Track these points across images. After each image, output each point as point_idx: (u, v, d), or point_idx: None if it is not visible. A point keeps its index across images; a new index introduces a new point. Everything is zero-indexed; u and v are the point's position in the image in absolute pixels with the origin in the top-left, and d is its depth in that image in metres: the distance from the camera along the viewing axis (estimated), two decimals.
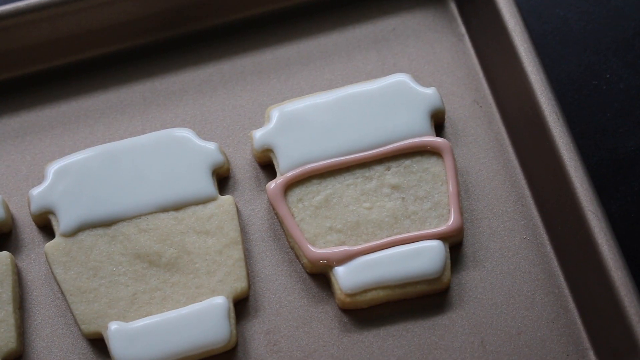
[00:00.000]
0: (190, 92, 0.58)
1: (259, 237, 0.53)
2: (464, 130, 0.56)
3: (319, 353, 0.50)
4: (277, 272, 0.52)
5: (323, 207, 0.52)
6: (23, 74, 0.59)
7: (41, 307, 0.52)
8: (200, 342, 0.49)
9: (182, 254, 0.51)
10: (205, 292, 0.51)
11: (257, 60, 0.59)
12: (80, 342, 0.51)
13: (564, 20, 0.61)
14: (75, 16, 0.58)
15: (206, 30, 0.60)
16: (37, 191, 0.53)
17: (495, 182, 0.54)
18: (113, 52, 0.59)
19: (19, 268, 0.53)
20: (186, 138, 0.54)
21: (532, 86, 0.53)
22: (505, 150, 0.55)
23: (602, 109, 0.58)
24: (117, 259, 0.51)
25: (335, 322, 0.51)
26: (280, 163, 0.53)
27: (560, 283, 0.51)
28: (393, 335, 0.50)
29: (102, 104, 0.58)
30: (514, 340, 0.50)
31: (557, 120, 0.52)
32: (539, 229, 0.53)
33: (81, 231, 0.52)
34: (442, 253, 0.51)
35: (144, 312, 0.50)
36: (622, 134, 0.57)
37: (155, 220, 0.52)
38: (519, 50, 0.54)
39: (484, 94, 0.57)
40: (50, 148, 0.56)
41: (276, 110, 0.55)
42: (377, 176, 0.53)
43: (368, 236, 0.52)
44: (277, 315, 0.51)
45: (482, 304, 0.51)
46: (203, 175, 0.53)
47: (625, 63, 0.59)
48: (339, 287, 0.51)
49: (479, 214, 0.53)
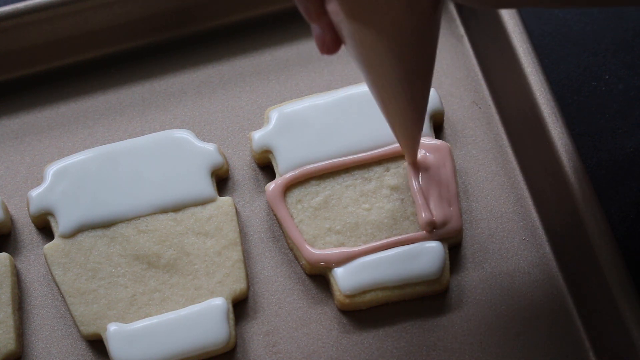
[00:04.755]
0: (190, 94, 0.58)
1: (258, 238, 0.53)
2: (463, 132, 0.56)
3: (318, 354, 0.50)
4: (276, 273, 0.52)
5: (322, 208, 0.52)
6: (22, 75, 0.59)
7: (40, 309, 0.52)
8: (200, 343, 0.49)
9: (181, 255, 0.51)
10: (204, 293, 0.51)
11: (256, 61, 0.59)
12: (79, 343, 0.51)
13: (563, 22, 0.61)
14: (74, 18, 0.58)
15: (205, 32, 0.60)
16: (36, 192, 0.53)
17: (494, 183, 0.54)
18: (112, 54, 0.59)
19: (18, 269, 0.53)
20: (185, 139, 0.54)
21: (531, 87, 0.53)
22: (504, 151, 0.55)
23: (601, 110, 0.58)
24: (116, 260, 0.51)
25: (334, 323, 0.51)
26: (279, 164, 0.53)
27: (560, 284, 0.51)
28: (392, 337, 0.50)
29: (101, 106, 0.58)
30: (513, 341, 0.50)
31: (556, 121, 0.52)
32: (538, 230, 0.53)
33: (80, 232, 0.52)
34: (441, 254, 0.51)
35: (143, 314, 0.50)
36: (621, 135, 0.57)
37: (154, 221, 0.52)
38: (518, 52, 0.54)
39: (483, 95, 0.57)
40: (49, 149, 0.56)
41: (275, 111, 0.55)
42: (376, 177, 0.53)
43: (367, 237, 0.52)
44: (276, 317, 0.51)
45: (481, 305, 0.51)
46: (202, 176, 0.53)
47: (625, 64, 0.59)
48: (338, 288, 0.51)
49: (478, 215, 0.53)
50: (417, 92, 0.45)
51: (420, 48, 0.42)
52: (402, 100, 0.45)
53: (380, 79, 0.44)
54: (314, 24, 0.43)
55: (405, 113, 0.47)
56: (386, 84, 0.44)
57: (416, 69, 0.43)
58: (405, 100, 0.45)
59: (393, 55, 0.42)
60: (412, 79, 0.44)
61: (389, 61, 0.42)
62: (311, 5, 0.41)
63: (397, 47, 0.41)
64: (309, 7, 0.41)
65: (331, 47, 0.43)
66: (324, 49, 0.43)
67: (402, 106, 0.46)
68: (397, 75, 0.43)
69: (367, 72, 0.45)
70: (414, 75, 0.44)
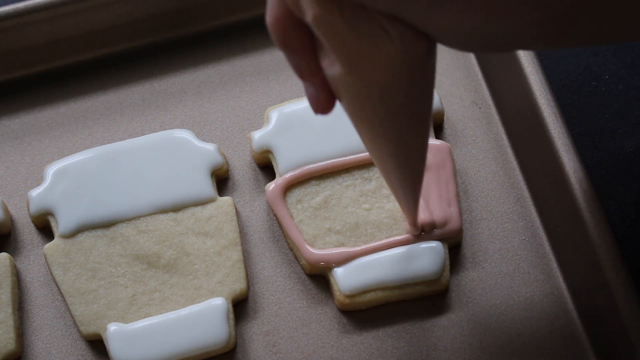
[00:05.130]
0: (190, 94, 0.58)
1: (258, 238, 0.53)
2: (463, 132, 0.56)
3: (318, 354, 0.50)
4: (276, 273, 0.52)
5: (322, 208, 0.52)
6: (22, 75, 0.59)
7: (40, 309, 0.52)
8: (199, 343, 0.49)
9: (181, 255, 0.51)
10: (204, 293, 0.51)
11: (256, 61, 0.59)
12: (79, 343, 0.51)
13: None
14: (74, 18, 0.58)
15: (205, 32, 0.60)
16: (36, 192, 0.53)
17: (494, 183, 0.54)
18: (112, 54, 0.59)
19: (18, 269, 0.53)
20: (185, 139, 0.54)
21: (531, 87, 0.53)
22: (504, 151, 0.55)
23: (601, 110, 0.58)
24: (116, 260, 0.51)
25: (334, 323, 0.51)
26: (279, 164, 0.53)
27: (559, 284, 0.51)
28: (392, 337, 0.50)
29: (101, 106, 0.58)
30: (513, 342, 0.50)
31: (556, 121, 0.52)
32: (538, 230, 0.53)
33: (80, 232, 0.52)
34: (441, 254, 0.51)
35: (143, 314, 0.50)
36: (621, 135, 0.57)
37: (154, 221, 0.52)
38: (518, 51, 0.54)
39: (483, 95, 0.57)
40: (49, 149, 0.56)
41: (275, 111, 0.55)
42: (376, 177, 0.53)
43: (367, 237, 0.52)
44: (276, 317, 0.51)
45: (481, 305, 0.51)
46: (202, 176, 0.53)
47: (624, 64, 0.59)
48: (338, 288, 0.51)
49: (478, 215, 0.53)
50: (415, 145, 0.43)
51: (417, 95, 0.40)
52: (400, 154, 0.43)
53: (377, 134, 0.42)
54: (307, 82, 0.41)
55: (403, 168, 0.44)
56: (384, 138, 0.42)
57: (414, 119, 0.41)
58: (403, 154, 0.43)
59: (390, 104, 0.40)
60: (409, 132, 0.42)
61: (385, 112, 0.40)
62: (304, 63, 0.39)
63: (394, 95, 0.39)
64: (302, 65, 0.39)
65: (326, 106, 0.41)
66: (319, 108, 0.41)
67: (400, 160, 0.44)
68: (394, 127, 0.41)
69: (363, 126, 0.42)
70: (411, 128, 0.41)
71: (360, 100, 0.40)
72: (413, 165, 0.44)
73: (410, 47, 0.37)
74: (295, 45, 0.39)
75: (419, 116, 0.41)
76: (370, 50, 0.37)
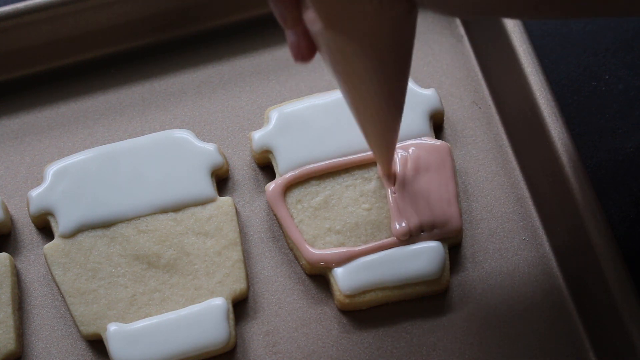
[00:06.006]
0: (190, 94, 0.58)
1: (258, 238, 0.53)
2: (463, 132, 0.56)
3: (318, 354, 0.50)
4: (276, 273, 0.52)
5: (322, 208, 0.52)
6: (22, 75, 0.59)
7: (40, 309, 0.52)
8: (199, 343, 0.49)
9: (181, 255, 0.51)
10: (204, 293, 0.51)
11: (256, 61, 0.59)
12: (79, 343, 0.51)
13: (563, 22, 0.61)
14: (74, 18, 0.58)
15: (205, 32, 0.60)
16: (36, 192, 0.53)
17: (494, 183, 0.54)
18: (112, 54, 0.59)
19: (18, 269, 0.53)
20: (185, 139, 0.54)
21: (531, 87, 0.53)
22: (504, 151, 0.55)
23: (601, 110, 0.58)
24: (116, 260, 0.51)
25: (334, 323, 0.51)
26: (279, 164, 0.53)
27: (560, 284, 0.51)
28: (392, 337, 0.50)
29: (101, 106, 0.58)
30: (513, 342, 0.50)
31: (556, 121, 0.52)
32: (538, 230, 0.53)
33: (80, 232, 0.52)
34: (441, 254, 0.51)
35: (143, 314, 0.50)
36: (621, 135, 0.57)
37: (154, 221, 0.52)
38: (518, 52, 0.54)
39: (483, 95, 0.57)
40: (49, 149, 0.56)
41: (275, 111, 0.55)
42: (376, 177, 0.53)
43: (367, 237, 0.52)
44: (276, 317, 0.51)
45: (481, 305, 0.51)
46: (202, 176, 0.53)
47: (625, 64, 0.59)
48: (338, 288, 0.51)
49: (478, 215, 0.53)
50: (393, 96, 0.45)
51: (395, 53, 0.42)
52: (378, 107, 0.45)
53: (356, 88, 0.44)
54: (289, 30, 0.42)
55: (380, 121, 0.46)
56: (362, 91, 0.44)
57: (392, 74, 0.43)
58: (381, 107, 0.45)
59: (369, 60, 0.41)
60: (388, 84, 0.43)
61: (365, 67, 0.42)
62: (288, 12, 0.41)
63: (373, 52, 0.41)
64: (285, 13, 0.41)
65: (306, 55, 0.43)
66: (299, 55, 0.43)
67: (378, 113, 0.45)
68: (373, 82, 0.43)
69: (343, 80, 0.44)
70: (389, 80, 0.43)
71: (339, 54, 0.42)
72: (391, 112, 0.46)
73: (388, 6, 0.39)
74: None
75: (397, 70, 0.43)
76: (349, 8, 0.39)
